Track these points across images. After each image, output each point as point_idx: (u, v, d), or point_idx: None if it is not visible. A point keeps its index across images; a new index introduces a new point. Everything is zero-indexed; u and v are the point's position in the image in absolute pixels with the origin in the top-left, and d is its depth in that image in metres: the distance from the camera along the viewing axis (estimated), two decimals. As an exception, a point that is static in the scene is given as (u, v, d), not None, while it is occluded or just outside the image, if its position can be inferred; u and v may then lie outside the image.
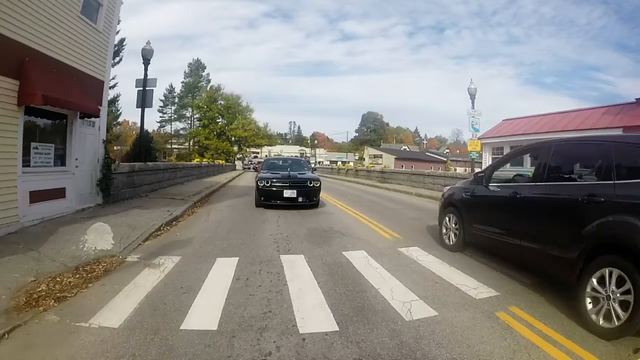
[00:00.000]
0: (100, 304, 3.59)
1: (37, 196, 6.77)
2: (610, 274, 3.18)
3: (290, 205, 9.59)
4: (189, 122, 55.80)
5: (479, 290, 4.09)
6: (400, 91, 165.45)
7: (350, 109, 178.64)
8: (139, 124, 41.59)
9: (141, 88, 11.00)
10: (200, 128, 51.76)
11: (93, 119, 8.30)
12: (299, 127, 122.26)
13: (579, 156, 4.38)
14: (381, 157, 61.26)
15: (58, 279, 4.29)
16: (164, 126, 55.70)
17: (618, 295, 3.07)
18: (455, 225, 5.84)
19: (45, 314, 3.44)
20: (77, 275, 4.43)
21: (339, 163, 57.76)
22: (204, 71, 56.38)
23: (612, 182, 3.46)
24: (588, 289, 3.35)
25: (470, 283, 4.31)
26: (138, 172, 10.67)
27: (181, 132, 57.36)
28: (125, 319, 3.25)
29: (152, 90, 11.27)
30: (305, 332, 2.99)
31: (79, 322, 3.23)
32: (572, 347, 2.94)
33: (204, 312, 3.33)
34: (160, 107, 53.91)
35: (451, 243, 5.91)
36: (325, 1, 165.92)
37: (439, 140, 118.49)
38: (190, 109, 55.04)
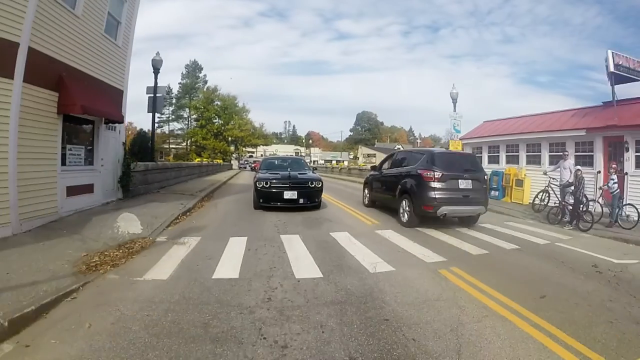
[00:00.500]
0: (147, 267, 4.83)
1: (72, 191, 7.96)
2: (406, 201, 7.97)
3: (291, 207, 9.35)
4: (187, 122, 56.77)
5: (432, 257, 5.42)
6: (395, 90, 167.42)
7: (345, 109, 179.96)
8: (135, 124, 42.51)
9: (152, 95, 12.19)
10: (197, 128, 52.82)
11: (115, 124, 9.49)
12: (294, 126, 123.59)
13: (402, 157, 9.60)
14: (375, 156, 62.56)
15: (106, 253, 5.47)
16: (162, 126, 56.50)
17: (407, 209, 7.90)
18: (367, 193, 10.98)
19: (106, 274, 4.65)
20: (121, 251, 5.63)
21: (334, 162, 59.06)
22: (200, 72, 57.43)
23: (407, 167, 8.55)
24: (400, 209, 8.15)
25: (427, 253, 5.64)
26: (151, 171, 11.89)
27: (179, 132, 58.28)
28: (170, 274, 4.50)
29: (162, 96, 12.46)
30: (300, 278, 4.31)
31: (135, 277, 4.46)
32: (491, 292, 4.19)
33: (227, 269, 4.62)
34: (158, 107, 54.77)
35: (366, 203, 11.03)
36: (321, 0, 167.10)
37: (433, 139, 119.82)
38: (187, 110, 55.99)
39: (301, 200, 9.35)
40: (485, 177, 8.36)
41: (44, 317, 3.53)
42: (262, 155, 73.28)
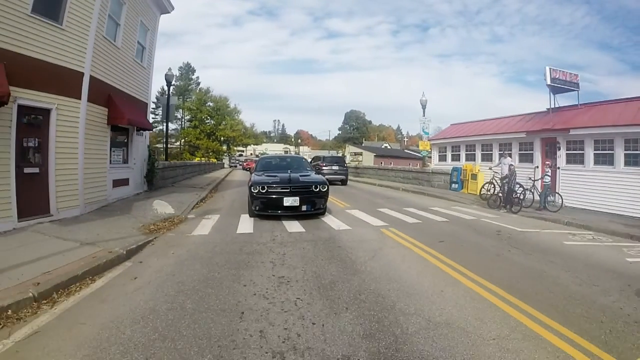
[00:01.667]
0: (191, 229, 7.38)
1: (115, 183, 10.40)
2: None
3: (293, 215, 8.49)
4: (180, 122, 58.55)
5: (379, 223, 8.11)
6: (384, 89, 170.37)
7: (334, 107, 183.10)
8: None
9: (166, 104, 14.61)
10: (190, 129, 54.75)
11: (143, 131, 11.92)
12: (283, 125, 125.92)
13: (318, 157, 22.69)
14: (361, 155, 65.07)
15: (157, 224, 7.92)
16: (156, 126, 58.23)
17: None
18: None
19: (166, 233, 7.12)
20: (166, 223, 8.08)
21: (323, 160, 61.20)
22: (193, 74, 59.28)
23: (317, 162, 20.74)
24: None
25: (378, 221, 8.33)
26: (167, 168, 14.35)
27: (172, 132, 60.06)
28: (209, 232, 7.07)
29: (174, 105, 14.86)
30: (291, 231, 7.01)
31: (186, 234, 7.00)
32: (408, 238, 6.79)
33: (245, 228, 7.27)
34: (153, 109, 56.57)
35: None
36: None
37: (421, 137, 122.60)
38: (181, 110, 57.81)
39: (304, 207, 8.46)
40: (345, 165, 21.27)
41: (140, 252, 5.99)
42: (252, 154, 75.48)
